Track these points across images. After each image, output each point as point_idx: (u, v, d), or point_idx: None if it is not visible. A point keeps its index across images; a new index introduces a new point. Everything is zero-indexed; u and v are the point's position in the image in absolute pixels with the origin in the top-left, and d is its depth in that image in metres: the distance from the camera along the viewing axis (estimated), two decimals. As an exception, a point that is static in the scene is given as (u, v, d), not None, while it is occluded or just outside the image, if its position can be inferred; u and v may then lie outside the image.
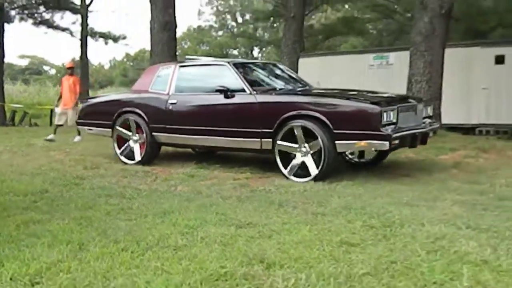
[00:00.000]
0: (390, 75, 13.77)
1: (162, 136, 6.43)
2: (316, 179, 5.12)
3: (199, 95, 6.35)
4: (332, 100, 5.44)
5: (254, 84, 5.98)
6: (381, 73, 14.28)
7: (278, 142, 5.38)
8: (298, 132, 5.26)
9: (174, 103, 6.29)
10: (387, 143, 4.89)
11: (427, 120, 6.02)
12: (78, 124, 7.70)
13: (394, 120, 5.04)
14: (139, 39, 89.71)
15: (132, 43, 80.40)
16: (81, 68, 20.75)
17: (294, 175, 5.33)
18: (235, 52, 53.58)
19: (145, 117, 6.47)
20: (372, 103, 5.08)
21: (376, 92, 6.48)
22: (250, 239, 3.02)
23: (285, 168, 5.37)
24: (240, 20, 48.00)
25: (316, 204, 4.14)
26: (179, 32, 53.84)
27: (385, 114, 4.94)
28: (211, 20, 51.44)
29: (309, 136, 5.21)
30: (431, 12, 9.99)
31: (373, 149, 5.33)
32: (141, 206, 4.02)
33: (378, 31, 33.07)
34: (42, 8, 21.54)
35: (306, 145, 5.26)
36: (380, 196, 4.48)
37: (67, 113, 9.89)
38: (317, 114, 5.12)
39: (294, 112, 5.29)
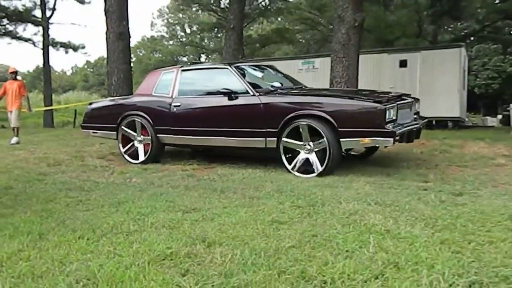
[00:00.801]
0: (316, 77, 14.04)
1: (166, 137, 5.93)
2: (320, 174, 4.73)
3: (202, 98, 5.88)
4: (337, 99, 5.06)
5: (254, 85, 5.51)
6: (309, 76, 14.50)
7: (284, 139, 4.98)
8: (303, 131, 4.86)
9: (178, 106, 5.80)
10: (391, 139, 4.52)
11: (416, 116, 5.70)
12: (82, 128, 6.91)
13: (394, 118, 4.70)
14: (98, 47, 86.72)
15: (91, 51, 77.57)
16: (43, 74, 19.86)
17: (299, 171, 4.93)
18: (185, 59, 52.92)
19: (149, 120, 5.97)
20: (376, 101, 4.69)
21: (375, 91, 6.15)
22: (195, 222, 2.99)
23: (289, 164, 4.99)
24: (188, 31, 47.43)
25: (253, 189, 4.15)
26: (134, 41, 52.42)
27: (388, 112, 4.60)
28: (162, 30, 50.66)
29: (313, 134, 4.84)
30: (347, 24, 10.25)
31: (377, 145, 4.90)
32: (98, 197, 3.88)
33: (306, 40, 33.54)
34: (5, 21, 20.46)
35: (310, 143, 4.87)
36: (306, 180, 4.56)
37: (10, 116, 9.11)
38: (322, 114, 4.74)
39: (299, 112, 4.89)
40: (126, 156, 6.14)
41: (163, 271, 2.06)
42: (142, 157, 6.05)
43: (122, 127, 6.15)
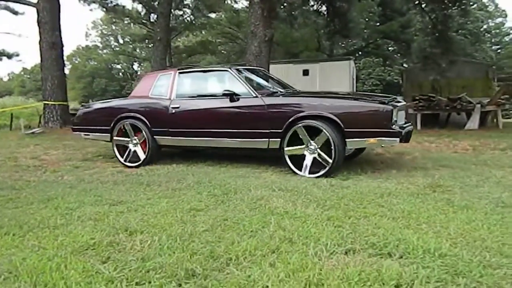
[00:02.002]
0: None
1: (164, 139, 5.23)
2: (326, 174, 4.19)
3: (202, 99, 5.17)
4: (343, 101, 4.55)
5: (255, 87, 4.92)
6: (228, 83, 14.52)
7: (285, 148, 4.44)
8: (302, 132, 4.35)
9: (177, 107, 5.11)
10: (397, 139, 4.14)
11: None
12: (73, 130, 6.06)
13: (396, 119, 4.26)
14: (34, 55, 79.97)
15: (27, 58, 71.19)
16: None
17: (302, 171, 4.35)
18: (118, 66, 50.55)
19: (146, 122, 5.26)
20: (381, 103, 4.29)
21: (373, 94, 5.52)
22: (120, 214, 2.86)
23: (295, 166, 4.38)
24: (121, 41, 45.36)
25: (175, 181, 4.06)
26: (69, 50, 49.04)
27: (393, 112, 4.18)
28: (97, 40, 47.95)
29: (313, 134, 4.33)
30: (259, 39, 10.43)
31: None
32: (28, 195, 3.55)
33: (227, 52, 33.59)
34: None
35: (313, 143, 4.31)
36: (223, 172, 4.57)
37: None
38: (329, 115, 4.23)
39: (304, 113, 4.36)
40: (126, 163, 5.32)
41: (85, 260, 1.95)
42: (142, 156, 5.28)
43: (114, 137, 5.42)
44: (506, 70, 31.15)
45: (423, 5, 12.37)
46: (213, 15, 28.55)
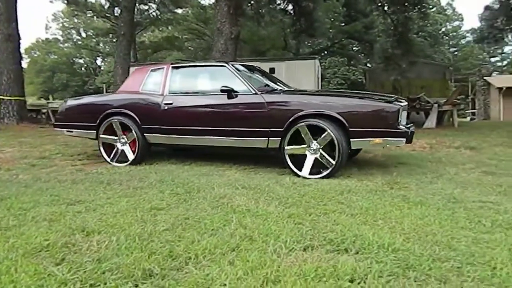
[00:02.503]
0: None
1: (155, 137, 4.92)
2: (328, 176, 4.03)
3: (197, 96, 4.91)
4: (348, 99, 4.32)
5: (253, 84, 4.64)
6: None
7: (286, 147, 4.24)
8: (304, 131, 4.14)
9: (170, 104, 4.82)
10: (404, 139, 3.97)
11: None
12: (55, 126, 5.67)
13: (400, 119, 4.11)
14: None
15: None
16: None
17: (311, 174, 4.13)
18: (81, 61, 48.91)
19: (136, 118, 4.92)
20: (387, 101, 4.16)
21: (377, 94, 5.13)
22: (77, 213, 2.77)
23: (295, 166, 4.20)
24: (84, 35, 43.79)
25: (137, 180, 3.98)
26: (28, 43, 46.92)
27: (399, 112, 4.04)
28: (57, 34, 46.07)
29: (314, 134, 4.14)
30: (225, 36, 10.40)
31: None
32: (-21, 196, 3.39)
33: (194, 48, 33.24)
34: None
35: (315, 143, 4.12)
36: (186, 171, 4.52)
37: None
38: (333, 113, 4.04)
39: (307, 112, 4.14)
40: (113, 163, 5.05)
41: (37, 263, 1.88)
42: (131, 156, 4.99)
43: (101, 135, 5.11)
44: (463, 72, 32.69)
45: (385, 7, 12.76)
46: (179, 11, 28.18)
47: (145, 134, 4.94)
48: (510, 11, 13.00)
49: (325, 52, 29.53)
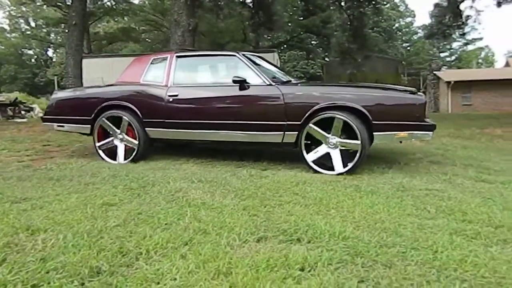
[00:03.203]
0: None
1: (158, 132, 4.55)
2: (349, 171, 3.83)
3: (206, 87, 4.57)
4: (371, 90, 4.12)
5: (266, 75, 4.34)
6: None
7: (311, 125, 3.95)
8: (337, 123, 3.88)
9: (175, 96, 4.45)
10: (431, 133, 3.80)
11: None
12: (44, 120, 5.16)
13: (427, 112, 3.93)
14: None
15: None
16: None
17: (318, 166, 3.98)
18: (30, 52, 46.37)
19: (137, 111, 4.54)
20: (412, 93, 3.94)
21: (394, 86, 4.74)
22: (22, 211, 2.62)
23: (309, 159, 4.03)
24: (33, 24, 41.42)
25: (89, 175, 3.82)
26: (-31, 32, 43.80)
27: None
28: (4, 23, 43.35)
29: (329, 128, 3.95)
30: (182, 28, 10.23)
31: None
32: None
33: (151, 40, 32.43)
34: None
35: (336, 137, 3.92)
36: (142, 165, 4.41)
37: None
38: (356, 105, 3.82)
39: (327, 103, 3.90)
40: (103, 155, 4.72)
41: (-26, 265, 1.77)
42: (121, 158, 4.63)
43: (104, 119, 4.66)
44: (415, 66, 34.12)
45: (341, 3, 13.02)
46: (136, 1, 27.35)
47: (146, 129, 4.58)
48: (457, 8, 13.69)
49: (285, 45, 29.76)
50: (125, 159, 4.65)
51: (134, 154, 4.60)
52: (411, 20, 45.32)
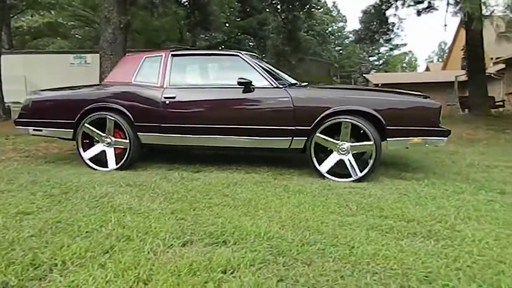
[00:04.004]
0: (88, 72, 13.05)
1: (151, 137, 4.17)
2: (360, 180, 3.67)
3: (206, 89, 4.24)
4: (386, 95, 3.95)
5: (273, 77, 4.13)
6: (81, 70, 13.39)
7: (318, 134, 3.77)
8: (345, 129, 3.71)
9: (172, 98, 4.10)
10: (445, 139, 3.71)
11: None
12: (17, 123, 4.58)
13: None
14: None
15: None
16: None
17: (331, 174, 3.77)
18: None
19: (128, 114, 4.15)
20: (425, 97, 3.83)
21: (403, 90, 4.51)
22: None
23: (320, 165, 3.82)
24: None
25: (5, 182, 3.52)
26: None
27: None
28: None
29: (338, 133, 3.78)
30: (113, 25, 9.82)
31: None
32: None
33: (82, 37, 30.74)
34: None
35: (347, 143, 3.76)
36: (66, 169, 4.17)
37: None
38: (369, 110, 3.66)
39: (340, 108, 3.71)
40: (90, 163, 4.26)
41: None
42: (112, 164, 4.22)
43: (86, 125, 4.24)
44: (347, 69, 35.84)
45: (278, 6, 13.31)
46: (63, -6, 25.67)
47: (138, 134, 4.21)
48: (383, 15, 14.59)
49: (223, 46, 29.70)
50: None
51: (124, 160, 4.20)
52: (343, 25, 47.54)
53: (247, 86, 3.94)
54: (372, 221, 2.45)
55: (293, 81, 4.54)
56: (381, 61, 50.61)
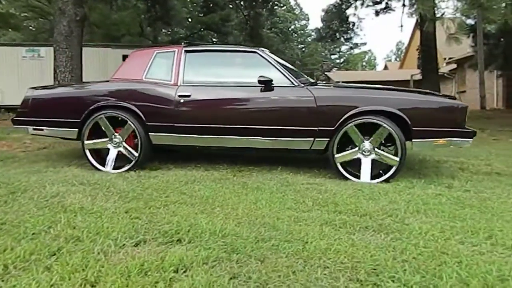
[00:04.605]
0: (42, 66, 12.48)
1: (165, 137, 3.97)
2: (389, 179, 3.59)
3: (223, 87, 4.03)
4: (412, 95, 3.87)
5: (294, 76, 3.99)
6: (34, 64, 12.80)
7: (337, 156, 3.71)
8: (382, 131, 3.59)
9: (187, 96, 3.91)
10: (471, 140, 3.63)
11: None
12: (16, 122, 4.25)
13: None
14: None
15: None
16: None
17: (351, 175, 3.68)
18: None
19: (140, 114, 3.93)
20: (451, 98, 3.77)
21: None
22: None
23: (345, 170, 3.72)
24: None
25: None
26: None
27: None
28: None
29: (366, 134, 3.67)
30: (68, 17, 9.45)
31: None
32: None
33: (36, 29, 29.29)
34: None
35: (368, 143, 3.66)
36: (14, 168, 3.98)
37: None
38: (395, 110, 3.57)
39: (364, 108, 3.61)
40: (105, 169, 3.98)
41: None
42: (109, 166, 3.98)
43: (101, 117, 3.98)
44: (309, 67, 36.38)
45: (241, 2, 13.27)
46: (15, -16, 24.35)
47: (150, 134, 4.00)
48: (343, 14, 14.93)
49: (186, 41, 29.32)
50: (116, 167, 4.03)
51: (134, 162, 3.98)
52: (305, 23, 48.19)
53: (267, 84, 3.82)
54: (326, 216, 2.50)
55: (313, 80, 4.38)
56: (342, 60, 51.77)
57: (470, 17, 11.14)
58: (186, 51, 4.19)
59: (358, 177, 3.65)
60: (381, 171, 3.68)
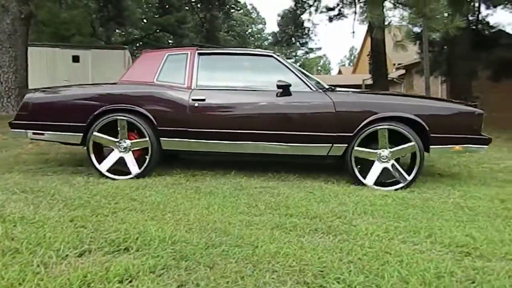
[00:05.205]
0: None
1: (176, 142, 3.79)
2: (406, 187, 3.56)
3: (240, 91, 3.90)
4: (430, 101, 3.90)
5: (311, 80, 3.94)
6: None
7: (356, 148, 3.63)
8: (383, 137, 3.59)
9: (201, 100, 3.74)
10: (486, 147, 3.68)
11: None
12: (14, 126, 3.96)
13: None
14: None
15: None
16: None
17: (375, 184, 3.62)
18: None
19: (151, 118, 3.75)
20: (467, 104, 3.79)
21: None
22: None
23: (363, 176, 3.65)
24: None
25: None
26: None
27: None
28: None
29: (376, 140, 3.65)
30: (12, 15, 9.00)
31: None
32: None
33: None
34: None
35: (386, 150, 3.62)
36: None
37: None
38: (413, 117, 3.56)
39: (383, 115, 3.59)
40: (105, 172, 3.79)
41: None
42: (135, 169, 3.79)
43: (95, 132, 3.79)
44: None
45: (198, 4, 13.16)
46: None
47: (162, 139, 3.81)
48: (298, 20, 15.24)
49: (141, 42, 28.57)
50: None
51: (145, 166, 3.82)
52: (262, 27, 48.71)
53: (286, 89, 3.74)
54: (277, 220, 2.52)
55: (329, 86, 4.33)
56: (298, 64, 52.79)
57: (416, 25, 11.75)
58: (200, 54, 4.08)
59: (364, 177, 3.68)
60: (384, 180, 3.67)
